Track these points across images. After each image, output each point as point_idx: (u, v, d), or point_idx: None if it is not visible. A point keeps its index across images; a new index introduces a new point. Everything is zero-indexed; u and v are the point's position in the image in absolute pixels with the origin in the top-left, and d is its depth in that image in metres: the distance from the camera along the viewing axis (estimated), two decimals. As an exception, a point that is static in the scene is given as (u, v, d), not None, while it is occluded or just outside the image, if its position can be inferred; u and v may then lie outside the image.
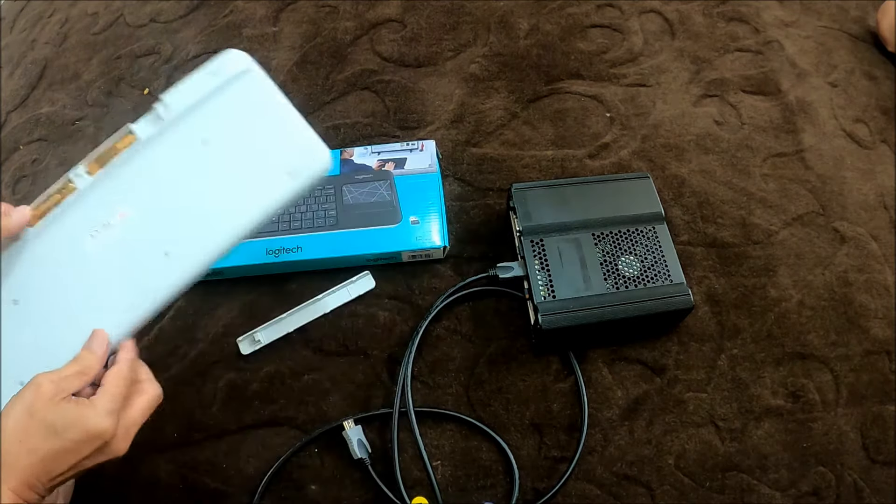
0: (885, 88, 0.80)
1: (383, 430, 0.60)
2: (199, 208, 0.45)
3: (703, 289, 0.66)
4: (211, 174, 0.46)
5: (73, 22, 0.98)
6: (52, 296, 0.44)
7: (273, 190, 0.46)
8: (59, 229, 0.44)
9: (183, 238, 0.45)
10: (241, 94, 0.46)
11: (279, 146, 0.47)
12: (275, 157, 0.46)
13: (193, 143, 0.46)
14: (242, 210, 0.45)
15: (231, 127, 0.46)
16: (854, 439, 0.59)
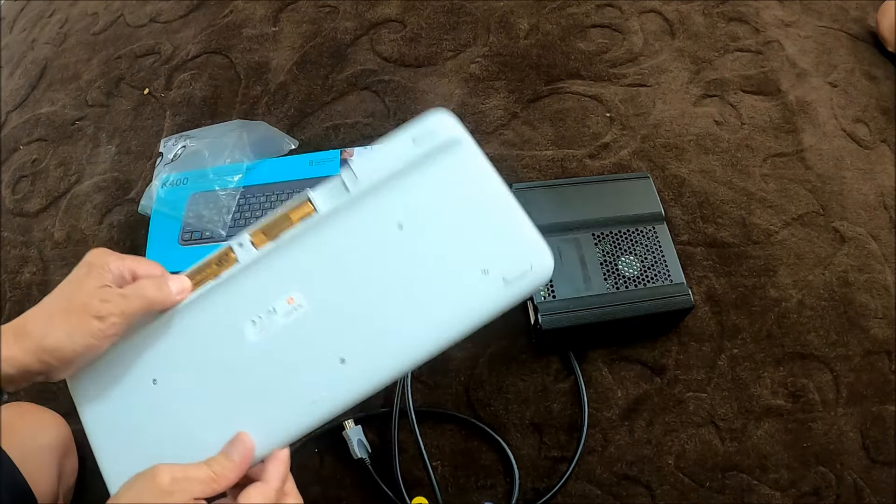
0: (885, 88, 0.80)
1: (383, 430, 0.60)
2: (388, 308, 0.37)
3: (703, 289, 0.66)
4: (405, 266, 0.37)
5: (73, 22, 0.98)
6: (197, 383, 0.37)
7: (480, 297, 0.37)
8: (215, 307, 0.37)
9: (364, 343, 0.36)
10: (448, 169, 0.38)
11: (492, 242, 0.37)
12: (485, 256, 0.37)
13: (386, 225, 0.37)
14: (441, 317, 0.36)
15: (433, 210, 0.38)
16: (854, 439, 0.59)
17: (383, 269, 0.37)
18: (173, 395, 0.37)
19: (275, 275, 0.37)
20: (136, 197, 0.76)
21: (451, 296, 0.37)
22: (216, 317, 0.37)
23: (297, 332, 0.36)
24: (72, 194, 0.79)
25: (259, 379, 0.36)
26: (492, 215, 0.38)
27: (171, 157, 0.73)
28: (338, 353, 0.36)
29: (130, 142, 0.82)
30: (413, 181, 0.38)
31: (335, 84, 0.82)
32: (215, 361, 0.37)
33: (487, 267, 0.37)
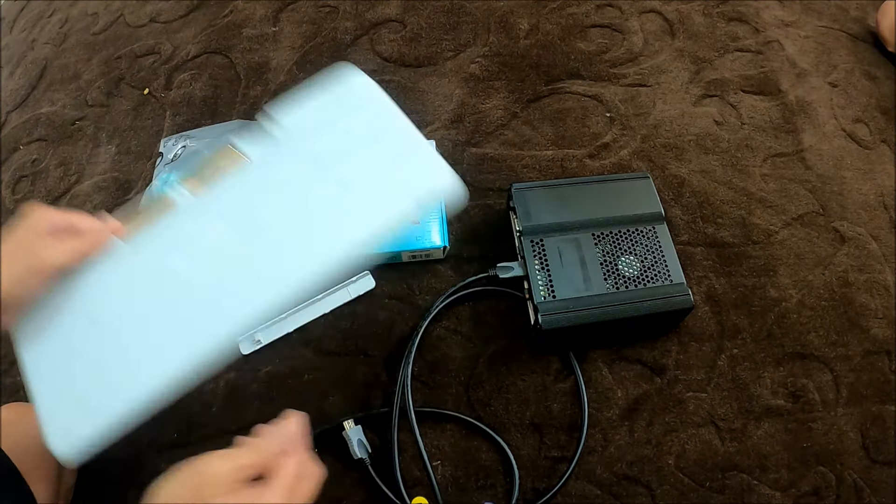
0: (885, 88, 0.80)
1: (383, 430, 0.60)
2: (302, 228, 0.41)
3: (703, 289, 0.66)
4: (317, 193, 0.42)
5: (73, 22, 0.98)
6: (135, 316, 0.41)
7: (386, 212, 0.41)
8: (154, 246, 0.41)
9: (281, 261, 0.40)
10: (353, 106, 0.44)
11: (394, 163, 0.42)
12: (389, 175, 0.42)
13: (301, 158, 0.43)
14: (350, 231, 0.41)
15: (342, 142, 0.43)
16: (854, 439, 0.59)
17: (299, 196, 0.42)
18: (110, 330, 0.40)
19: (205, 212, 0.42)
20: (136, 197, 0.76)
21: (359, 212, 0.41)
22: (155, 253, 0.41)
23: (225, 258, 0.41)
24: (72, 194, 0.79)
25: (190, 304, 0.40)
26: (395, 142, 0.44)
27: (171, 157, 0.73)
28: (259, 270, 0.40)
29: (130, 142, 0.82)
30: (322, 119, 0.43)
31: (335, 84, 0.82)
32: (151, 295, 0.40)
33: (388, 184, 0.42)
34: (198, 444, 0.61)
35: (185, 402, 0.63)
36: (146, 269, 0.41)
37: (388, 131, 0.44)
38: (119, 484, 0.60)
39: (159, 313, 0.40)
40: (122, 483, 0.60)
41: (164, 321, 0.40)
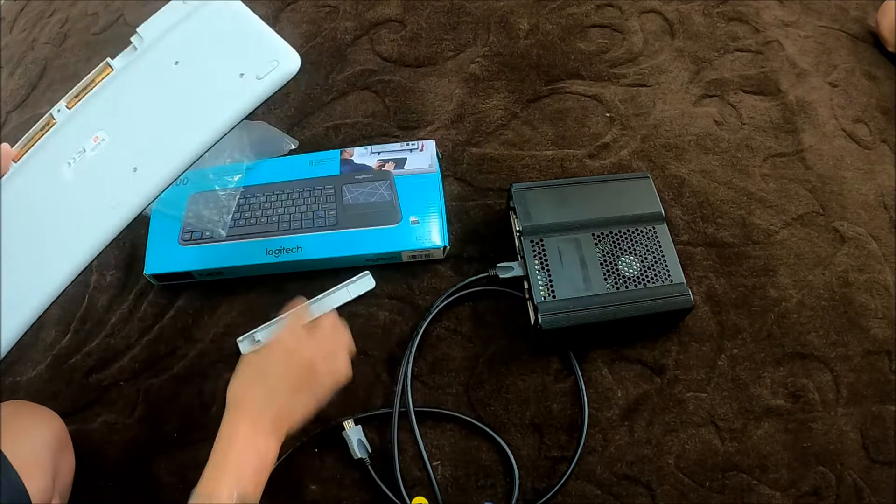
0: (885, 88, 0.80)
1: (383, 430, 0.60)
2: (169, 122, 0.47)
3: (703, 289, 0.66)
4: (182, 90, 0.48)
5: (73, 22, 0.98)
6: (34, 223, 0.46)
7: (241, 94, 0.47)
8: (39, 161, 0.47)
9: (151, 151, 0.46)
10: (211, 13, 0.49)
11: (247, 54, 0.48)
12: (243, 64, 0.47)
13: (165, 64, 0.48)
14: (210, 116, 0.46)
15: (201, 45, 0.48)
16: (854, 439, 0.59)
17: (166, 96, 0.47)
18: (16, 238, 0.46)
19: (83, 123, 0.47)
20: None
21: (218, 98, 0.47)
22: (41, 167, 0.46)
23: (102, 159, 0.46)
24: (72, 194, 0.79)
25: (78, 205, 0.46)
26: (243, 35, 0.48)
27: (170, 156, 0.73)
28: (131, 164, 0.46)
29: (130, 142, 0.82)
30: (183, 28, 0.48)
31: (335, 84, 0.82)
32: (45, 202, 0.46)
33: (242, 71, 0.47)
34: (198, 444, 0.61)
35: (186, 402, 0.63)
36: (37, 181, 0.46)
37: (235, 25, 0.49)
38: (119, 484, 0.60)
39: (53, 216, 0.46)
40: (122, 483, 0.60)
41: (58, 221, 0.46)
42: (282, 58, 0.47)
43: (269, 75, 0.47)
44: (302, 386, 0.50)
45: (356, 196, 0.68)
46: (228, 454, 0.46)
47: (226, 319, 0.67)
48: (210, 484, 0.44)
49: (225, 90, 0.47)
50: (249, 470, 0.45)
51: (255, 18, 0.49)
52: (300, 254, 0.65)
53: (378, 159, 0.70)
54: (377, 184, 0.68)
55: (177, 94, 0.48)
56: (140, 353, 0.66)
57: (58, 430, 0.56)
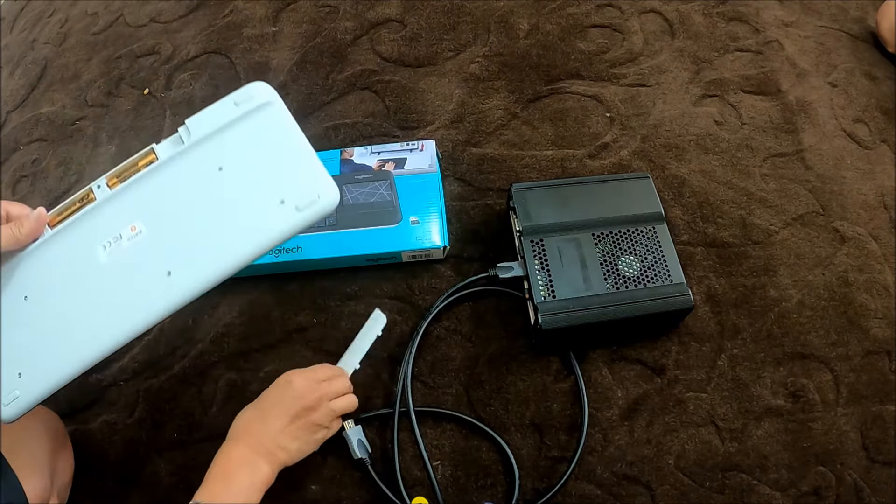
0: (885, 88, 0.80)
1: (383, 430, 0.60)
2: (207, 232, 0.46)
3: (703, 289, 0.66)
4: (222, 200, 0.47)
5: (73, 22, 0.98)
6: (61, 297, 0.46)
7: (279, 222, 0.46)
8: (75, 236, 0.47)
9: (187, 259, 0.46)
10: (261, 125, 0.48)
11: (291, 180, 0.47)
12: (285, 190, 0.46)
13: (209, 168, 0.47)
14: (246, 238, 0.46)
15: (247, 156, 0.48)
16: (854, 439, 0.59)
17: (205, 202, 0.47)
18: (43, 309, 0.46)
19: (122, 208, 0.47)
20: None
21: (254, 220, 0.46)
22: (76, 242, 0.47)
23: (136, 252, 0.46)
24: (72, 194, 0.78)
25: (107, 291, 0.46)
26: (290, 158, 0.47)
27: (170, 156, 0.73)
28: (166, 266, 0.45)
29: (130, 142, 0.82)
30: (232, 133, 0.48)
31: (335, 84, 0.82)
32: (76, 279, 0.46)
33: (284, 198, 0.46)
34: (198, 444, 0.61)
35: (186, 402, 0.63)
36: (71, 256, 0.47)
37: (283, 144, 0.48)
38: (119, 484, 0.60)
39: (82, 295, 0.46)
40: (122, 483, 0.60)
41: (86, 302, 0.46)
42: (323, 192, 0.46)
43: (309, 208, 0.45)
44: (297, 417, 0.51)
45: (356, 196, 0.68)
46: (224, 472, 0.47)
47: (226, 319, 0.67)
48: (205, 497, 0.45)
49: (264, 213, 0.46)
50: (244, 487, 0.47)
51: (304, 142, 0.47)
52: (300, 254, 0.65)
53: (378, 159, 0.70)
54: (377, 184, 0.68)
55: (217, 204, 0.47)
56: (140, 353, 0.66)
57: (56, 430, 0.56)
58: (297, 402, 0.51)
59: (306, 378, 0.53)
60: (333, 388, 0.54)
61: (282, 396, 0.52)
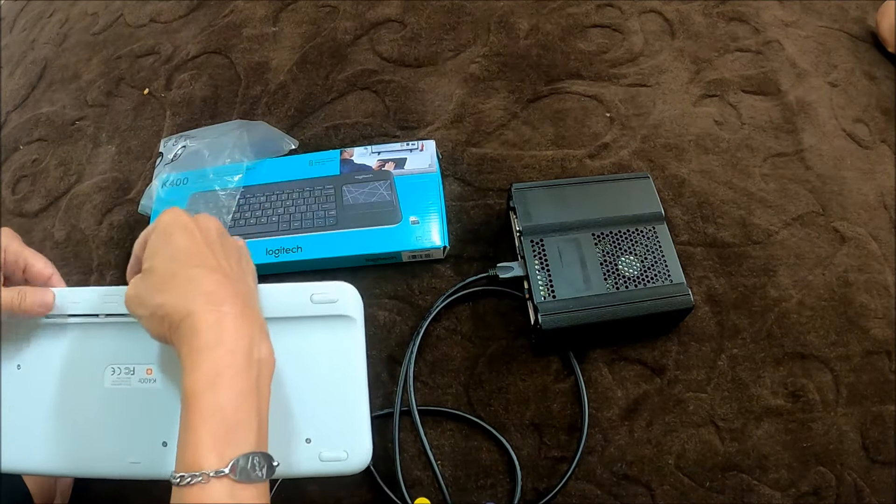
0: (885, 88, 0.80)
1: (383, 430, 0.60)
2: None
3: (703, 289, 0.66)
4: None
5: (73, 22, 0.98)
6: (51, 387, 0.41)
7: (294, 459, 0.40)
8: (91, 339, 0.41)
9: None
10: (328, 341, 0.41)
11: (329, 421, 0.41)
12: (318, 430, 0.40)
13: None
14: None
15: (296, 368, 0.41)
16: (854, 439, 0.59)
17: None
18: (31, 384, 0.41)
19: (148, 344, 0.39)
20: (136, 197, 0.76)
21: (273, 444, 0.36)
22: (88, 347, 0.41)
23: (142, 400, 0.40)
24: (72, 194, 0.79)
25: (99, 418, 0.40)
26: (341, 396, 0.41)
27: (171, 157, 0.73)
28: (165, 436, 0.40)
29: (130, 142, 0.82)
30: (293, 331, 0.41)
31: (335, 84, 0.82)
32: (70, 381, 0.41)
33: (312, 437, 0.40)
34: (198, 444, 0.61)
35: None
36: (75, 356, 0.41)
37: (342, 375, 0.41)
38: (119, 484, 0.60)
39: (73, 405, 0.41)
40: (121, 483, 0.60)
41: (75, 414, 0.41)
42: (355, 453, 0.40)
43: (331, 463, 0.40)
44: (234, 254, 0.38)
45: (356, 196, 0.68)
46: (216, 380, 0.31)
47: (226, 319, 0.66)
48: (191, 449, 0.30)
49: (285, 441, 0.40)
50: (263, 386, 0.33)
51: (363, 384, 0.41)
52: (300, 254, 0.65)
53: (378, 159, 0.70)
54: (377, 184, 0.68)
55: None
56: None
57: None
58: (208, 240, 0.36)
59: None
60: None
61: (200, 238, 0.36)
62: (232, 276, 0.35)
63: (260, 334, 0.33)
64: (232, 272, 0.35)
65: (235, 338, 0.32)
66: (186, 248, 0.34)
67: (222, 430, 0.30)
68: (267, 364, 0.33)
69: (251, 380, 0.31)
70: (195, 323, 0.31)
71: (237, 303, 0.33)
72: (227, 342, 0.31)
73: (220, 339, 0.31)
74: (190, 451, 0.29)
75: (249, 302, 0.34)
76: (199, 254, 0.34)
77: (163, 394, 0.41)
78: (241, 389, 0.31)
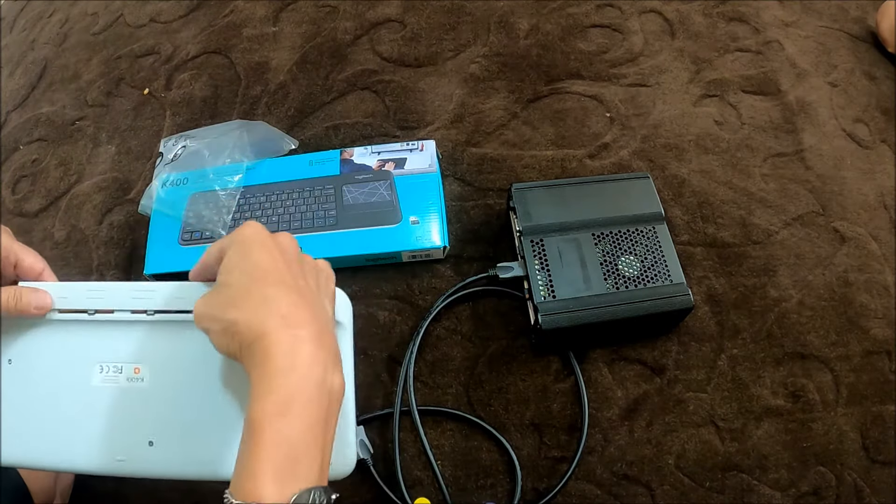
0: (885, 88, 0.80)
1: (383, 431, 0.60)
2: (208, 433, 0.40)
3: (703, 289, 0.66)
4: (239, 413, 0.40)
5: (73, 22, 0.98)
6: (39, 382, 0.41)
7: None
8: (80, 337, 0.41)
9: (176, 445, 0.40)
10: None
11: None
12: None
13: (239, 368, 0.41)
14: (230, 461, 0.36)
15: None
16: (854, 439, 0.59)
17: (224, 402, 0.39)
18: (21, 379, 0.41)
19: (137, 343, 0.40)
20: (136, 197, 0.76)
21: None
22: (76, 345, 0.41)
23: (129, 399, 0.40)
24: (72, 194, 0.79)
25: (85, 414, 0.40)
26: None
27: (171, 157, 0.73)
28: (151, 436, 0.39)
29: (130, 142, 0.82)
30: None
31: (335, 84, 0.82)
32: (59, 378, 0.41)
33: None
34: (198, 444, 0.61)
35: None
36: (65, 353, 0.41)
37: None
38: (119, 484, 0.60)
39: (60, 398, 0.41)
40: (122, 483, 0.60)
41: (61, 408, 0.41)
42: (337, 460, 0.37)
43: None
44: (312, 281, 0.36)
45: (356, 196, 0.68)
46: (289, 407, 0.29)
47: (226, 319, 0.66)
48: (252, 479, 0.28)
49: None
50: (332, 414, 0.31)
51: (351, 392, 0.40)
52: (300, 254, 0.65)
53: (378, 159, 0.70)
54: (377, 184, 0.68)
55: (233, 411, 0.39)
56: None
57: None
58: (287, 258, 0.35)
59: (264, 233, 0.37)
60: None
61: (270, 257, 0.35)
62: (309, 298, 0.33)
63: (334, 362, 0.32)
64: (310, 293, 0.34)
65: (309, 364, 0.30)
66: (265, 265, 0.33)
67: (286, 463, 0.28)
68: (338, 394, 0.32)
69: (321, 410, 0.30)
70: (269, 346, 0.30)
71: (313, 327, 0.31)
72: (301, 369, 0.30)
73: (294, 366, 0.30)
74: (250, 480, 0.28)
75: (326, 327, 0.33)
76: (277, 272, 0.33)
77: (150, 393, 0.40)
78: (310, 421, 0.30)
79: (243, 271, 0.33)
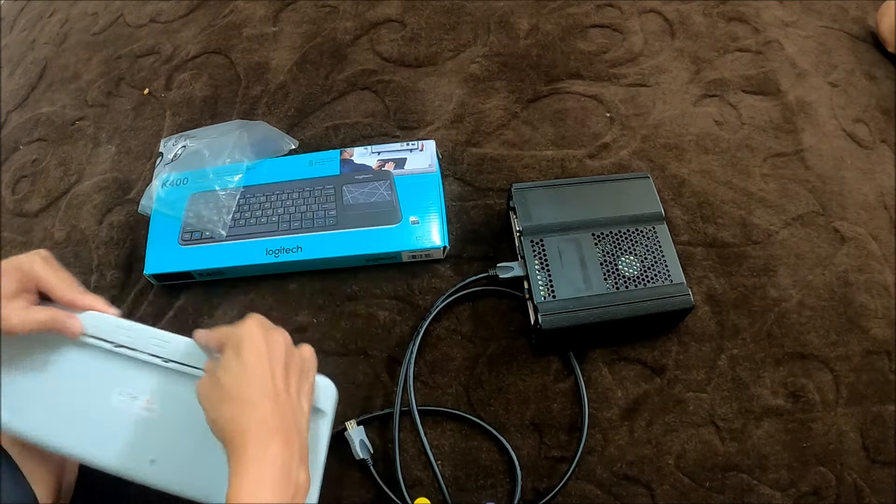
0: (885, 88, 0.80)
1: (383, 431, 0.60)
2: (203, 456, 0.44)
3: (703, 289, 0.66)
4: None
5: (73, 22, 0.98)
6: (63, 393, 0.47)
7: None
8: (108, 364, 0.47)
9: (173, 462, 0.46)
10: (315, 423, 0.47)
11: None
12: None
13: None
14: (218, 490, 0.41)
15: None
16: (854, 439, 0.59)
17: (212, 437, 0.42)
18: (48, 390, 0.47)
19: (151, 381, 0.47)
20: (136, 197, 0.76)
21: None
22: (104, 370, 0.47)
23: (139, 424, 0.47)
24: (72, 194, 0.79)
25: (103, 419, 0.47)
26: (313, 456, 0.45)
27: (171, 157, 0.73)
28: (153, 455, 0.47)
29: (130, 142, 0.82)
30: None
31: (335, 84, 0.82)
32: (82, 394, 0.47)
33: None
34: (198, 444, 0.61)
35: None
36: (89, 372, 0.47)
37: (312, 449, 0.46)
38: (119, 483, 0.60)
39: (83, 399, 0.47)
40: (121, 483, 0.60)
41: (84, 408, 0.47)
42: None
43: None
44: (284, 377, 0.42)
45: (356, 196, 0.68)
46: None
47: (226, 319, 0.66)
48: None
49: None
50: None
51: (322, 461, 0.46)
52: (300, 254, 0.65)
53: (378, 159, 0.70)
54: (377, 184, 0.68)
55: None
56: (140, 353, 0.66)
57: None
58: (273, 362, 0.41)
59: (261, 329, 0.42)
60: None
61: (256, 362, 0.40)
62: (286, 405, 0.40)
63: (300, 461, 0.39)
64: (287, 400, 0.41)
65: (279, 459, 0.37)
66: (252, 370, 0.40)
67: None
68: (303, 488, 0.39)
69: (287, 497, 0.37)
70: (245, 442, 0.37)
71: (284, 432, 0.39)
72: (270, 461, 0.37)
73: (265, 458, 0.37)
74: None
75: (296, 428, 0.40)
76: (262, 378, 0.40)
77: (157, 422, 0.47)
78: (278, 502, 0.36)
79: (235, 374, 0.40)
